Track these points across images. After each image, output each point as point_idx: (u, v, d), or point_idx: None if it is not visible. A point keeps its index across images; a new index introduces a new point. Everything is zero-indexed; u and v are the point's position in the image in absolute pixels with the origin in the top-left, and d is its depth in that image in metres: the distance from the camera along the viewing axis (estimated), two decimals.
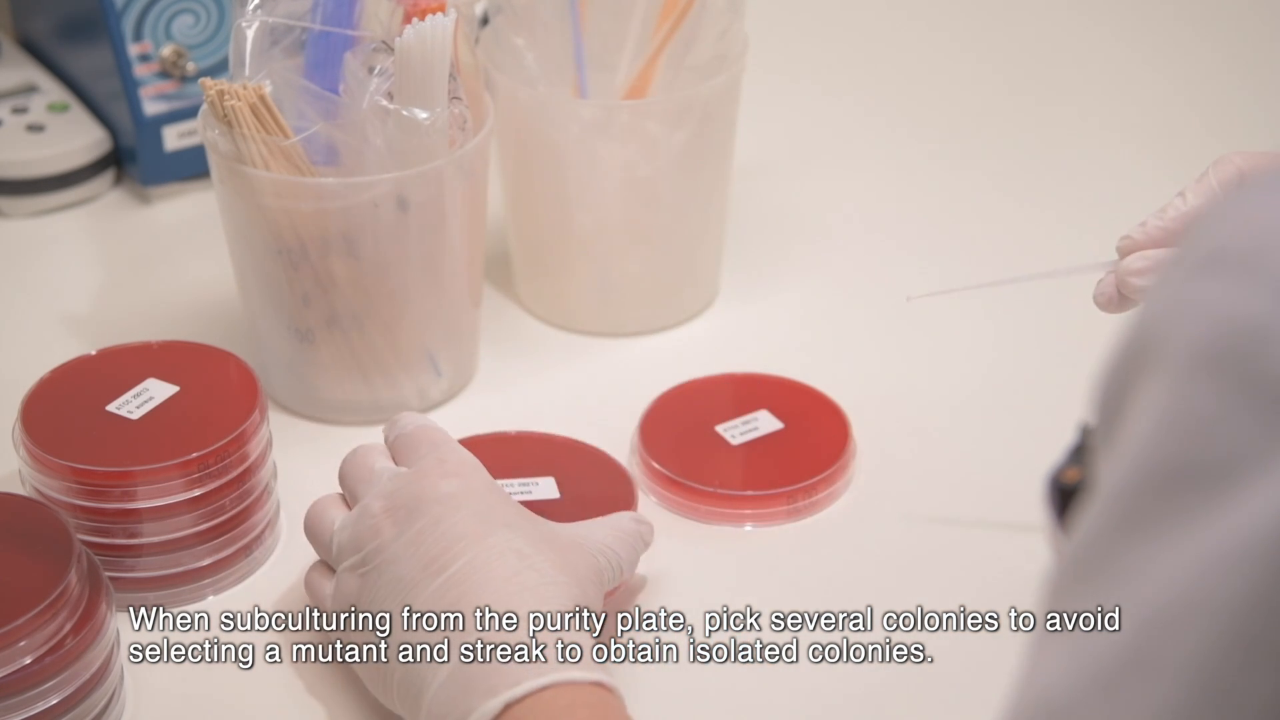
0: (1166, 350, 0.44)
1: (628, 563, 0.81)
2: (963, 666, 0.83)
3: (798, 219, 1.17)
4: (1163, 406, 0.44)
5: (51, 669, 0.76)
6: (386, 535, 0.77)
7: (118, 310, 1.09)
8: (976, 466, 0.96)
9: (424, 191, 0.93)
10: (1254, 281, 0.43)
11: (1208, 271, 0.44)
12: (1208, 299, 0.43)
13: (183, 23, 1.14)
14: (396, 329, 0.96)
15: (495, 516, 0.77)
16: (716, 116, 1.02)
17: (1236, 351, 0.42)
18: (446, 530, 0.76)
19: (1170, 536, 0.43)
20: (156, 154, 1.15)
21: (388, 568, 0.76)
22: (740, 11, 1.03)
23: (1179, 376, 0.43)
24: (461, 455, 0.80)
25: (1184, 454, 0.43)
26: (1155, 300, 0.45)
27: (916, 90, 1.33)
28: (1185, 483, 0.43)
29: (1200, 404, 0.43)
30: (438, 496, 0.77)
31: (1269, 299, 0.42)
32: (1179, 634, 0.43)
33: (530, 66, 1.02)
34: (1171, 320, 0.44)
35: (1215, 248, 0.44)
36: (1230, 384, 0.42)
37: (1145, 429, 0.44)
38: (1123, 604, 0.44)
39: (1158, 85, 1.33)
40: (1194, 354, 0.43)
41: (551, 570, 0.75)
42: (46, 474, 0.84)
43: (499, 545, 0.75)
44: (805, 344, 1.06)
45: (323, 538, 0.81)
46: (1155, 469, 0.44)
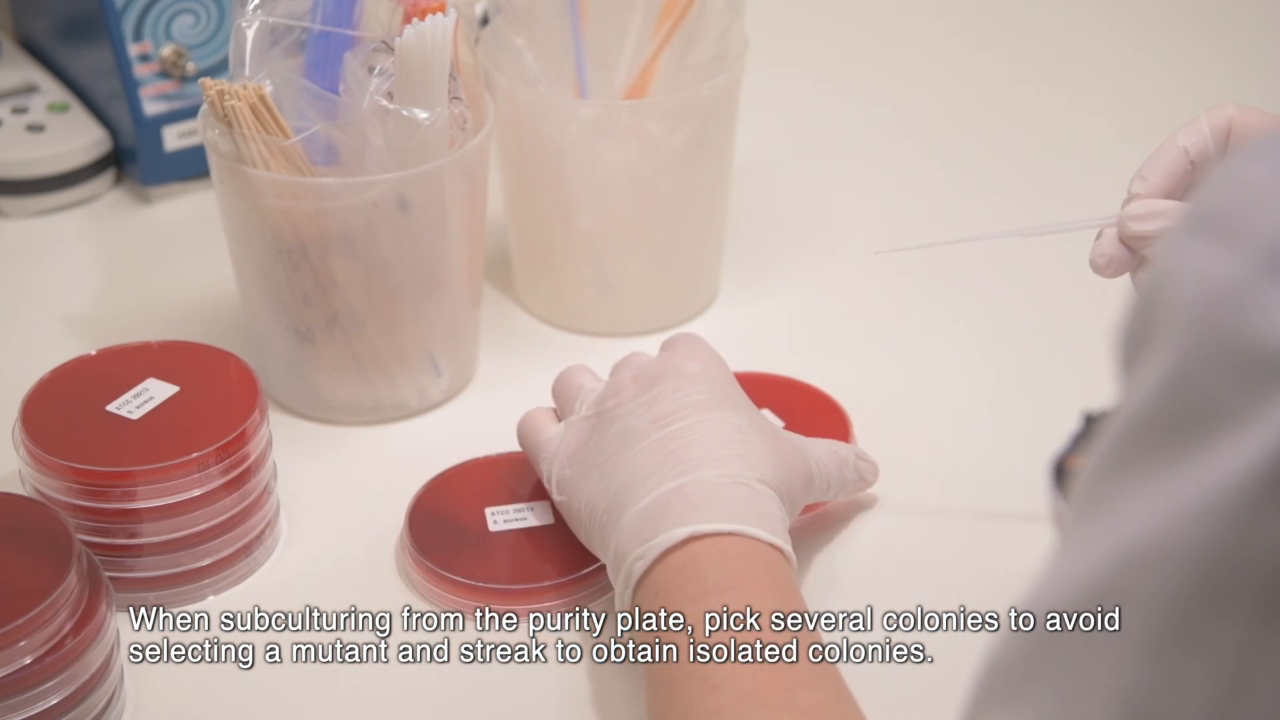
0: (1168, 308, 0.46)
1: (837, 484, 0.87)
2: (963, 666, 0.83)
3: (798, 219, 1.17)
4: (1162, 361, 0.46)
5: (51, 669, 0.76)
6: (627, 395, 0.84)
7: (118, 310, 1.09)
8: (977, 466, 0.96)
9: (424, 191, 0.93)
10: (1234, 245, 0.45)
11: (1199, 233, 0.46)
12: (1196, 261, 0.45)
13: (183, 23, 1.14)
14: (396, 329, 0.96)
15: (728, 398, 0.84)
16: (716, 116, 1.02)
17: (1217, 314, 0.44)
18: (681, 397, 0.83)
19: (1151, 481, 0.45)
20: (156, 154, 1.15)
21: (621, 419, 0.84)
22: (740, 11, 1.03)
23: (1174, 334, 0.45)
24: (711, 351, 0.87)
25: (1172, 407, 0.45)
26: (1162, 257, 0.47)
27: (916, 90, 1.33)
28: (1170, 433, 0.45)
29: (1185, 362, 0.45)
30: (681, 372, 0.85)
31: (1246, 263, 0.44)
32: (1150, 573, 0.45)
33: (530, 66, 1.02)
34: (1171, 279, 0.46)
35: (1207, 210, 0.46)
36: (1209, 344, 0.44)
37: (1148, 381, 0.46)
38: (1105, 538, 0.46)
39: (1160, 86, 1.33)
40: (1185, 315, 0.45)
41: (765, 449, 0.82)
42: (46, 474, 0.84)
43: (723, 418, 0.82)
44: (805, 344, 1.06)
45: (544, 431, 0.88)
46: (1148, 417, 0.46)
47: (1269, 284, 0.43)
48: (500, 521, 0.89)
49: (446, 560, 0.86)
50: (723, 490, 0.79)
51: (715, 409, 0.83)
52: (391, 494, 0.91)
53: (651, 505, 0.79)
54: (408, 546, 0.88)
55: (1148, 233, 0.80)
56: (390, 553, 0.90)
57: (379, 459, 0.97)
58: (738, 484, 0.80)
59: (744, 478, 0.80)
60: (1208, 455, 0.44)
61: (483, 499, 0.90)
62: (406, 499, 0.90)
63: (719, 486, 0.79)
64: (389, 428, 0.99)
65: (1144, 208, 0.81)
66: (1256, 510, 0.43)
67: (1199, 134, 0.82)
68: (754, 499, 0.79)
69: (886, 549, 0.91)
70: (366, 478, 0.96)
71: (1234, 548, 0.43)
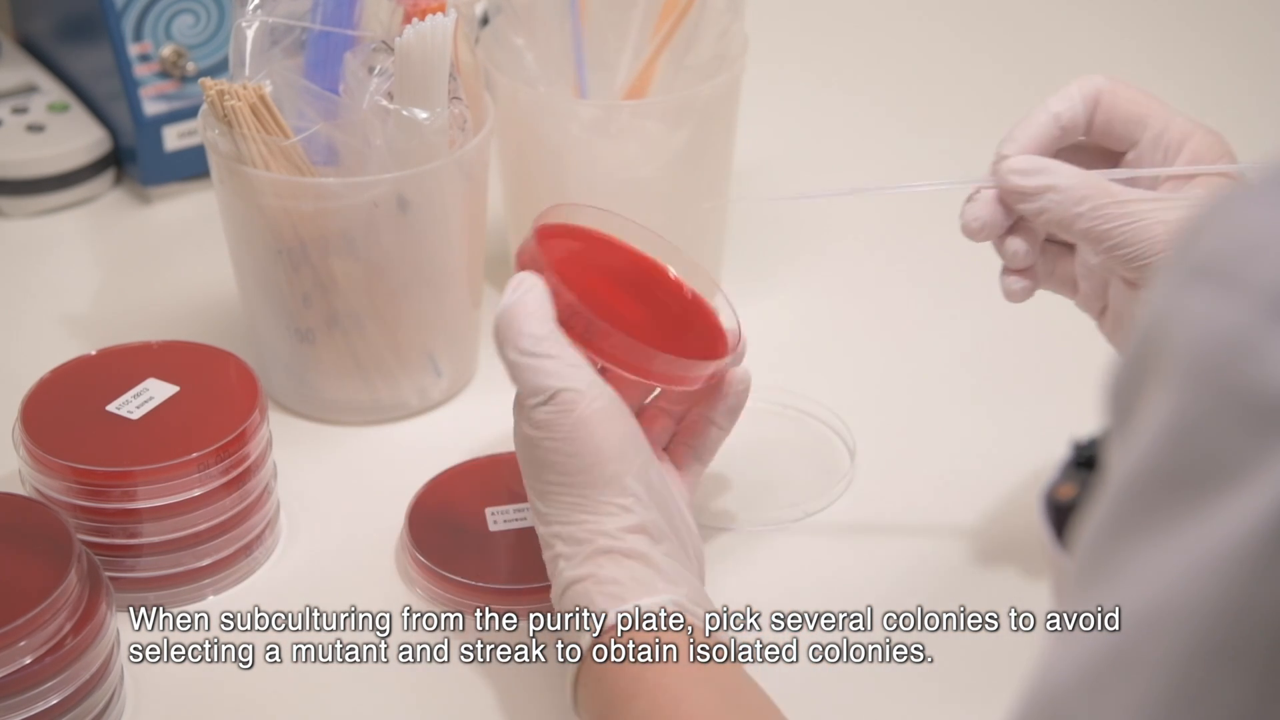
0: (1166, 356, 0.45)
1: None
2: (963, 666, 0.83)
3: (798, 219, 1.17)
4: (1162, 412, 0.44)
5: (51, 669, 0.76)
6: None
7: (118, 310, 1.09)
8: (977, 466, 0.96)
9: (424, 191, 0.93)
10: (1237, 292, 0.43)
11: (1197, 280, 0.44)
12: (1197, 308, 0.44)
13: (183, 23, 1.14)
14: (396, 329, 0.96)
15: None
16: (716, 116, 1.02)
17: (1221, 362, 0.43)
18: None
19: (1158, 539, 0.44)
20: (156, 154, 1.15)
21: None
22: (740, 11, 1.03)
23: (1174, 384, 0.44)
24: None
25: (1175, 460, 0.44)
26: (1156, 303, 0.46)
27: (916, 89, 1.33)
28: (1174, 488, 0.44)
29: (1190, 412, 0.44)
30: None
31: (1250, 310, 0.43)
32: (1158, 636, 0.43)
33: (530, 66, 1.02)
34: (1169, 327, 0.45)
35: (1204, 256, 0.45)
36: (1216, 393, 0.43)
37: (1148, 433, 0.45)
38: (1113, 603, 0.44)
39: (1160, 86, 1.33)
40: (1186, 363, 0.44)
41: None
42: (46, 474, 0.84)
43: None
44: (805, 344, 1.06)
45: None
46: (1151, 472, 0.44)
47: (1275, 330, 0.42)
48: (500, 521, 0.89)
49: (446, 560, 0.86)
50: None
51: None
52: (391, 494, 0.91)
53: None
54: (408, 546, 0.88)
55: (1028, 187, 0.79)
56: (390, 553, 0.90)
57: (379, 459, 0.97)
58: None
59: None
60: (1214, 509, 0.43)
61: (483, 499, 0.90)
62: (406, 499, 0.90)
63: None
64: (389, 428, 0.99)
65: (1027, 163, 0.80)
66: (1266, 565, 0.42)
67: (1069, 101, 0.82)
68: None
69: (886, 549, 0.91)
70: (366, 478, 0.96)
71: (1243, 605, 0.42)
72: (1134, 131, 0.82)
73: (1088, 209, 0.78)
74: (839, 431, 0.98)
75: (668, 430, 0.86)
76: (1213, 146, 0.81)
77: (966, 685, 0.82)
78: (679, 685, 0.72)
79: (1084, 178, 0.78)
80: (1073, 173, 0.79)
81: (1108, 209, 0.77)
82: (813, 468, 0.95)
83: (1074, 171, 0.79)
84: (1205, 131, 0.81)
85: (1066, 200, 0.78)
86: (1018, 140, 0.81)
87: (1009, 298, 0.84)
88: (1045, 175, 0.79)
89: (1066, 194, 0.78)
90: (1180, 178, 0.81)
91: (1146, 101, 0.82)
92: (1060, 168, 0.79)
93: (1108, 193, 0.78)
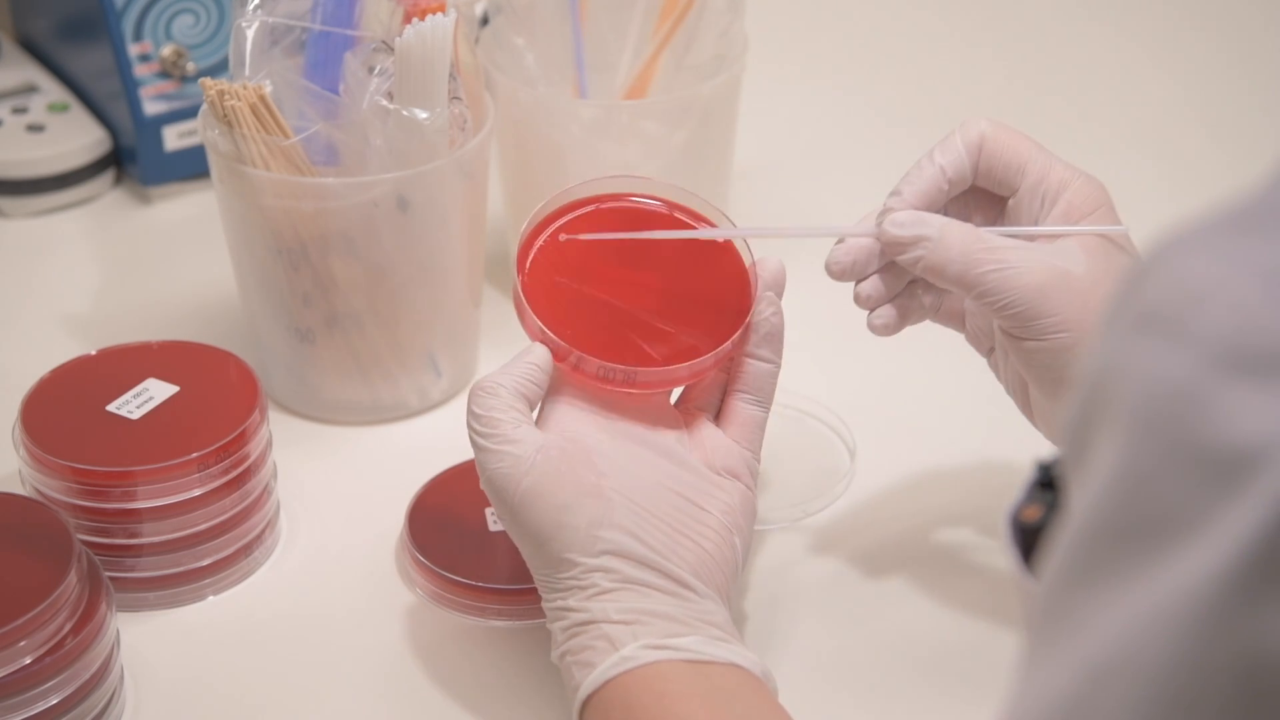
0: (1115, 404, 0.45)
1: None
2: (963, 666, 0.83)
3: (797, 219, 1.17)
4: (1113, 460, 0.44)
5: (51, 669, 0.76)
6: None
7: (118, 310, 1.09)
8: (976, 466, 0.96)
9: (424, 191, 0.93)
10: (1183, 344, 0.43)
11: (1142, 331, 0.44)
12: (1142, 360, 0.44)
13: (183, 23, 1.14)
14: (396, 329, 0.96)
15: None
16: (716, 116, 1.02)
17: (1170, 414, 0.43)
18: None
19: (1113, 590, 0.44)
20: (156, 154, 1.15)
21: None
22: (740, 11, 1.03)
23: (1124, 434, 0.44)
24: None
25: (1127, 511, 0.44)
26: (1103, 350, 0.46)
27: (917, 89, 1.33)
28: (1128, 539, 0.44)
29: (1139, 464, 0.44)
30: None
31: (1196, 362, 0.43)
32: (1112, 691, 0.43)
33: (530, 66, 1.02)
34: (1117, 376, 0.45)
35: (1148, 306, 0.45)
36: (1166, 446, 0.43)
37: (1100, 480, 0.45)
38: (1072, 653, 0.45)
39: (1159, 87, 1.33)
40: (1135, 414, 0.44)
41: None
42: (46, 474, 0.85)
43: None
44: (805, 344, 1.06)
45: None
46: (1105, 523, 0.45)
47: (1223, 382, 0.42)
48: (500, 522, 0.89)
49: (446, 560, 0.86)
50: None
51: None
52: (391, 494, 0.91)
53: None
54: (408, 546, 0.88)
55: (904, 237, 0.80)
56: (390, 553, 0.90)
57: (379, 459, 0.97)
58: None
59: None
60: (1169, 561, 0.43)
61: (483, 499, 0.90)
62: (406, 499, 0.90)
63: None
64: (389, 428, 0.99)
65: (906, 216, 0.81)
66: (1220, 617, 0.41)
67: (954, 153, 0.83)
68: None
69: (886, 549, 0.91)
70: (366, 478, 0.96)
71: (1197, 658, 0.42)
72: (1013, 179, 0.82)
73: (958, 255, 0.79)
74: (839, 431, 0.98)
75: (718, 383, 0.84)
76: (1090, 196, 0.81)
77: (966, 685, 0.82)
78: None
79: (958, 229, 0.80)
80: (947, 224, 0.80)
81: (978, 255, 0.79)
82: (813, 468, 0.96)
83: (949, 223, 0.80)
84: (1084, 180, 0.82)
85: (939, 248, 0.80)
86: (903, 195, 0.83)
87: (872, 330, 0.86)
88: (920, 227, 0.80)
89: (939, 243, 0.80)
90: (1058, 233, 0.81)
91: (1026, 149, 0.83)
92: (935, 220, 0.81)
93: (980, 240, 0.79)
